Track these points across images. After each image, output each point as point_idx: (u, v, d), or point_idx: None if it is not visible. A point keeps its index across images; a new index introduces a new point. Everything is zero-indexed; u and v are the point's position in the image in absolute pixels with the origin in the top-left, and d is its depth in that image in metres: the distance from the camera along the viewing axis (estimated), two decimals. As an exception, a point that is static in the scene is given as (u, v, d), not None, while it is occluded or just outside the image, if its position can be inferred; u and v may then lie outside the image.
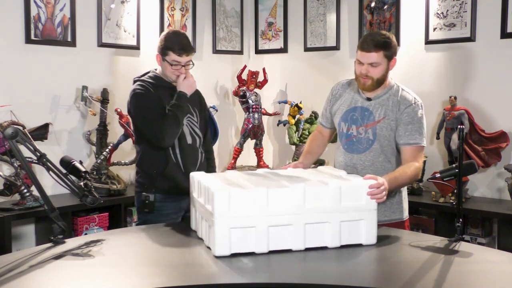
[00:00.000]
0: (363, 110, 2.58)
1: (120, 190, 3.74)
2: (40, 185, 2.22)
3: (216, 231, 2.02)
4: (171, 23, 4.44)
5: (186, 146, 2.82)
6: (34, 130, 3.40)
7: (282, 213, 2.09)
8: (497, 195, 3.75)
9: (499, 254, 2.20)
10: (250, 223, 2.06)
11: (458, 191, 2.25)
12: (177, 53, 2.73)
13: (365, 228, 2.18)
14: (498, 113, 3.70)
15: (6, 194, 3.25)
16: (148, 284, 1.80)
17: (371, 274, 1.96)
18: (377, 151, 2.56)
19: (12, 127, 2.15)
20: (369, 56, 2.48)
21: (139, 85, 2.79)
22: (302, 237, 2.11)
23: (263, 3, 4.93)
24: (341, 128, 2.65)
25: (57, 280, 1.85)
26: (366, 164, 2.56)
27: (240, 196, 2.05)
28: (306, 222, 2.10)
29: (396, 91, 2.59)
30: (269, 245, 2.08)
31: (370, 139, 2.55)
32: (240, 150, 4.62)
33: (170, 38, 2.77)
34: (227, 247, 2.03)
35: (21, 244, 3.61)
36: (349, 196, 2.16)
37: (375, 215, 2.20)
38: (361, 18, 4.32)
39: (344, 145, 2.63)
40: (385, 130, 2.54)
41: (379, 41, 2.48)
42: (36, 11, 3.64)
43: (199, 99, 2.97)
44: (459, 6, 3.84)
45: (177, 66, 2.75)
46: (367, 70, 2.50)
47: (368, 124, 2.56)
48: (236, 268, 1.97)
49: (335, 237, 2.15)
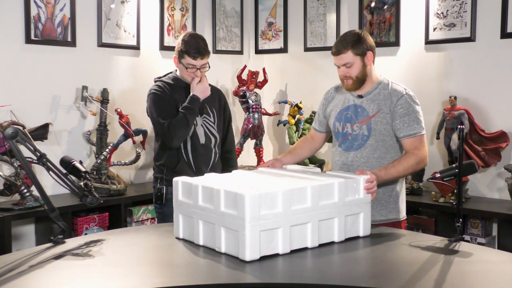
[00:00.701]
0: (356, 108, 2.62)
1: (120, 190, 3.74)
2: (40, 185, 2.22)
3: (247, 235, 1.97)
4: (171, 23, 4.44)
5: (199, 146, 2.90)
6: (34, 130, 3.40)
7: (300, 212, 2.10)
8: (497, 195, 3.75)
9: (499, 254, 2.21)
10: (276, 225, 2.04)
11: (458, 191, 2.25)
12: (192, 57, 2.82)
13: (363, 221, 2.29)
14: (498, 113, 3.70)
15: (6, 194, 3.25)
16: (148, 284, 1.80)
17: (371, 274, 1.96)
18: (372, 146, 2.58)
19: (12, 127, 2.15)
20: (340, 58, 2.57)
21: (157, 85, 2.91)
22: (317, 234, 2.15)
23: (263, 3, 4.93)
24: (336, 128, 2.68)
25: (57, 280, 1.85)
26: (362, 161, 2.59)
27: (269, 198, 2.02)
28: (320, 219, 2.15)
29: (386, 85, 2.63)
30: (291, 245, 2.09)
31: (365, 134, 2.58)
32: (240, 150, 4.62)
33: (187, 41, 2.84)
34: (257, 250, 2.00)
35: (21, 244, 3.61)
36: (351, 191, 2.25)
37: (370, 207, 2.32)
38: (361, 18, 4.32)
39: (341, 144, 2.66)
40: (380, 124, 2.56)
41: (345, 42, 2.55)
42: (36, 11, 3.64)
43: (219, 99, 3.04)
44: (459, 6, 3.84)
45: (193, 69, 2.84)
46: (345, 72, 2.57)
47: (362, 120, 2.59)
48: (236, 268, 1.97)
49: (341, 231, 2.22)
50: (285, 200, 2.05)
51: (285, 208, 2.05)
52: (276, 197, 2.04)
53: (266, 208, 2.01)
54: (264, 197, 2.01)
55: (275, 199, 2.03)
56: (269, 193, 2.03)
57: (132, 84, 4.19)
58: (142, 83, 4.02)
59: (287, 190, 2.06)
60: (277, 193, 2.04)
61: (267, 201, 2.01)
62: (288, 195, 2.06)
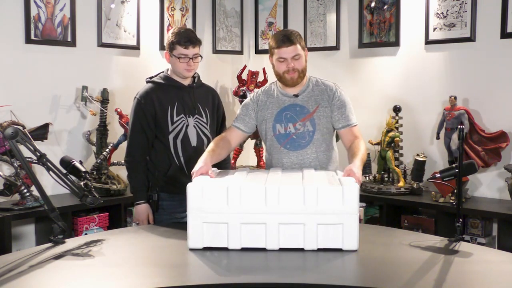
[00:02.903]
0: (294, 107, 2.67)
1: (120, 190, 3.74)
2: (40, 185, 2.22)
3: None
4: (171, 23, 4.44)
5: (190, 149, 2.84)
6: (34, 130, 3.39)
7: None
8: (497, 195, 3.75)
9: (499, 254, 2.21)
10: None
11: (458, 191, 2.25)
12: (183, 46, 2.78)
13: (345, 233, 2.15)
14: (498, 113, 3.70)
15: (6, 194, 3.25)
16: (148, 284, 1.80)
17: (371, 273, 1.96)
18: (319, 141, 2.65)
19: (12, 127, 2.16)
20: (291, 50, 2.59)
21: (145, 92, 2.86)
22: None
23: (263, 3, 4.93)
24: (277, 131, 2.68)
25: (57, 280, 1.86)
26: (312, 157, 2.65)
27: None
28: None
29: (316, 81, 2.73)
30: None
31: (310, 130, 2.64)
32: (240, 150, 4.62)
33: (177, 32, 2.83)
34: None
35: (21, 244, 3.61)
36: (329, 199, 2.16)
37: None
38: (361, 18, 4.32)
39: (286, 145, 2.67)
40: (323, 118, 2.65)
41: (293, 36, 2.60)
42: (36, 11, 3.64)
43: (212, 98, 2.99)
44: (459, 6, 3.84)
45: (185, 59, 2.80)
46: (293, 64, 2.60)
47: (304, 117, 2.65)
48: (236, 267, 1.97)
49: (312, 239, 2.16)
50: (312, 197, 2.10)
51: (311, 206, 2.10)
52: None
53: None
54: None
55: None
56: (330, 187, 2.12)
57: (132, 84, 4.18)
58: (142, 83, 3.98)
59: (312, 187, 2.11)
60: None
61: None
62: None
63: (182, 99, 2.85)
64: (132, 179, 2.87)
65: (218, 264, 2.03)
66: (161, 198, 2.84)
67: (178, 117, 2.82)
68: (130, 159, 2.85)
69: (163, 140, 2.82)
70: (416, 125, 4.04)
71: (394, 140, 3.87)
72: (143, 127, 2.82)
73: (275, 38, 2.63)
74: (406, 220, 3.85)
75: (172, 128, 2.81)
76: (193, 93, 2.89)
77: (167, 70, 2.92)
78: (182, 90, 2.86)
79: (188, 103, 2.85)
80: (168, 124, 2.81)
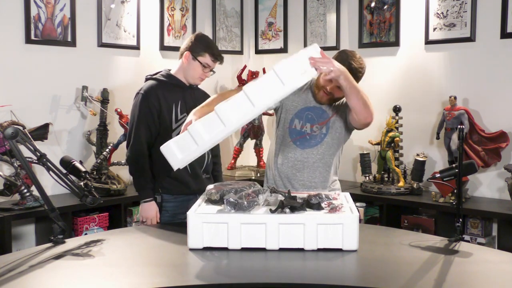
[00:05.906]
0: (317, 110, 2.67)
1: (120, 190, 3.74)
2: (40, 185, 2.22)
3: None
4: (171, 23, 4.44)
5: None
6: (34, 130, 3.40)
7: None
8: (497, 195, 3.75)
9: (499, 254, 2.21)
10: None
11: (458, 191, 2.25)
12: (214, 58, 2.81)
13: (345, 233, 2.13)
14: (498, 113, 3.70)
15: (6, 194, 3.25)
16: (148, 284, 1.80)
17: (371, 274, 1.96)
18: (328, 144, 2.65)
19: (12, 127, 2.15)
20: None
21: (150, 86, 2.83)
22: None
23: (263, 3, 4.93)
24: (293, 125, 2.68)
25: (57, 280, 1.85)
26: (317, 157, 2.65)
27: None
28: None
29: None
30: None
31: (323, 133, 2.65)
32: (240, 150, 4.62)
33: (208, 41, 2.84)
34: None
35: (21, 244, 3.61)
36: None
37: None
38: (361, 18, 4.32)
39: (296, 142, 2.67)
40: (338, 122, 2.66)
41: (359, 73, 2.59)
42: (36, 11, 3.64)
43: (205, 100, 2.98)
44: (459, 6, 3.84)
45: (206, 69, 2.82)
46: (332, 89, 2.56)
47: (323, 122, 2.65)
48: (236, 267, 1.97)
49: (312, 240, 2.15)
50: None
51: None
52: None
53: None
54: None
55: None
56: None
57: (132, 84, 4.18)
58: (142, 83, 4.01)
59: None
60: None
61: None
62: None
63: (184, 98, 2.86)
64: (136, 177, 2.82)
65: (218, 264, 2.03)
66: (164, 199, 2.84)
67: (182, 115, 2.83)
68: (133, 156, 2.80)
69: (167, 138, 2.80)
70: (416, 125, 4.04)
71: (394, 140, 3.88)
72: (148, 122, 2.78)
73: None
74: (406, 220, 3.85)
75: (176, 126, 2.81)
76: (193, 94, 2.90)
77: (168, 70, 2.92)
78: (184, 90, 2.87)
79: (189, 102, 2.85)
80: (173, 121, 2.82)
